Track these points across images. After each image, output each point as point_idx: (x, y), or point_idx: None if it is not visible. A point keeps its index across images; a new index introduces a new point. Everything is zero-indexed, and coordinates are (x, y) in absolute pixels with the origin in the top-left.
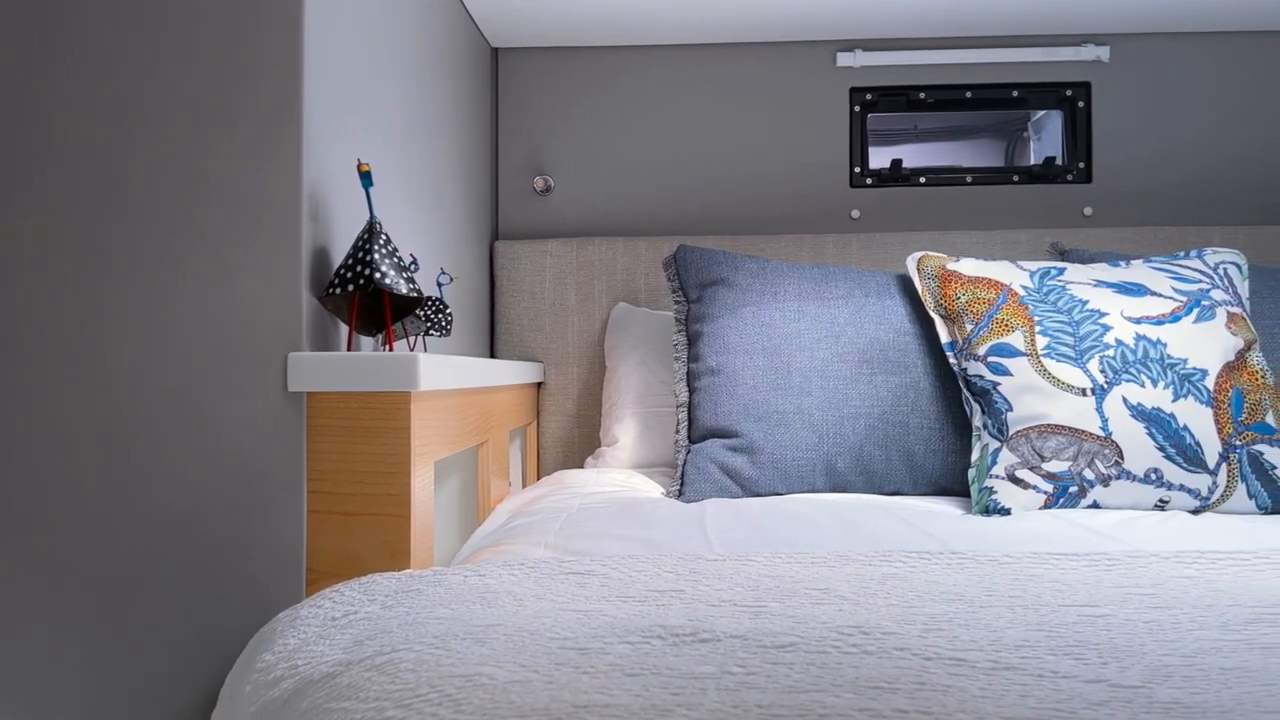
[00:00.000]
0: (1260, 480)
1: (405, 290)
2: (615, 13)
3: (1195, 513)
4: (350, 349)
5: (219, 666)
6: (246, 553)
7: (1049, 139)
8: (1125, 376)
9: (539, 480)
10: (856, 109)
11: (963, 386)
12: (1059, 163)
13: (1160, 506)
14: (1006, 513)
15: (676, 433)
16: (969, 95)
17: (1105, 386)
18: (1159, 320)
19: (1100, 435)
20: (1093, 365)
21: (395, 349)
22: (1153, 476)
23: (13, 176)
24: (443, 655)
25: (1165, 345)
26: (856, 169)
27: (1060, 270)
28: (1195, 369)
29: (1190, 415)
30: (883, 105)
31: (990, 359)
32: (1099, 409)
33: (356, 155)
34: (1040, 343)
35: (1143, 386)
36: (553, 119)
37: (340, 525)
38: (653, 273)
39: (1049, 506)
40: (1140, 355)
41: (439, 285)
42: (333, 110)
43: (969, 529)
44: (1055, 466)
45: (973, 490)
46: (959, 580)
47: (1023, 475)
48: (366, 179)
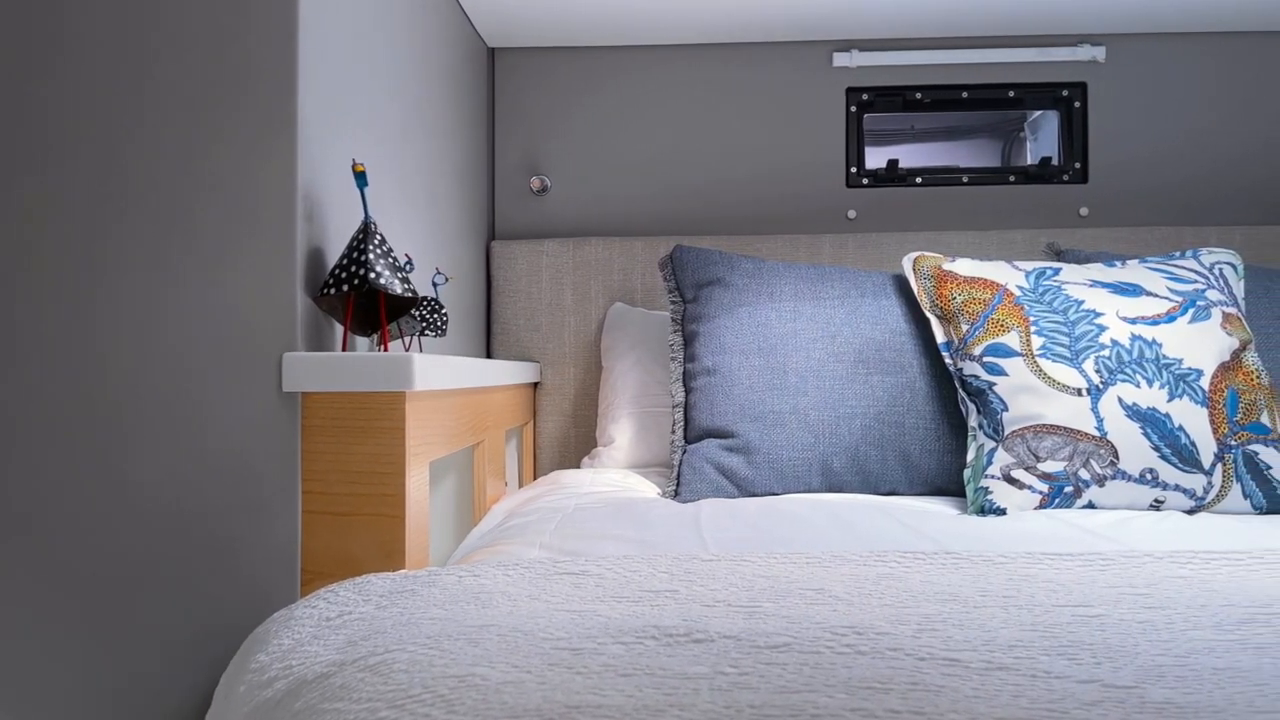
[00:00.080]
0: (1255, 480)
1: (400, 290)
2: (612, 13)
3: (1190, 513)
4: (345, 349)
5: (214, 667)
6: (241, 553)
7: (1045, 139)
8: (1120, 376)
9: (535, 480)
10: (853, 109)
11: (958, 386)
12: (1055, 163)
13: (1155, 506)
14: (1002, 513)
15: (672, 433)
16: (965, 95)
17: (1100, 386)
18: (1154, 320)
19: (1095, 435)
20: (1088, 365)
21: (390, 349)
22: (1148, 477)
23: (8, 177)
24: (436, 656)
25: (1160, 345)
26: (853, 169)
27: (1056, 270)
28: (1190, 369)
29: (1185, 415)
30: (879, 105)
31: (986, 359)
32: (1094, 409)
33: (351, 155)
34: (1036, 343)
35: (1138, 387)
36: (549, 119)
37: (335, 525)
38: (649, 273)
39: (1044, 506)
40: (1135, 355)
41: (434, 285)
42: (328, 110)
43: (964, 529)
44: (1050, 466)
45: (968, 490)
46: (953, 580)
47: (1018, 475)
48: (361, 179)
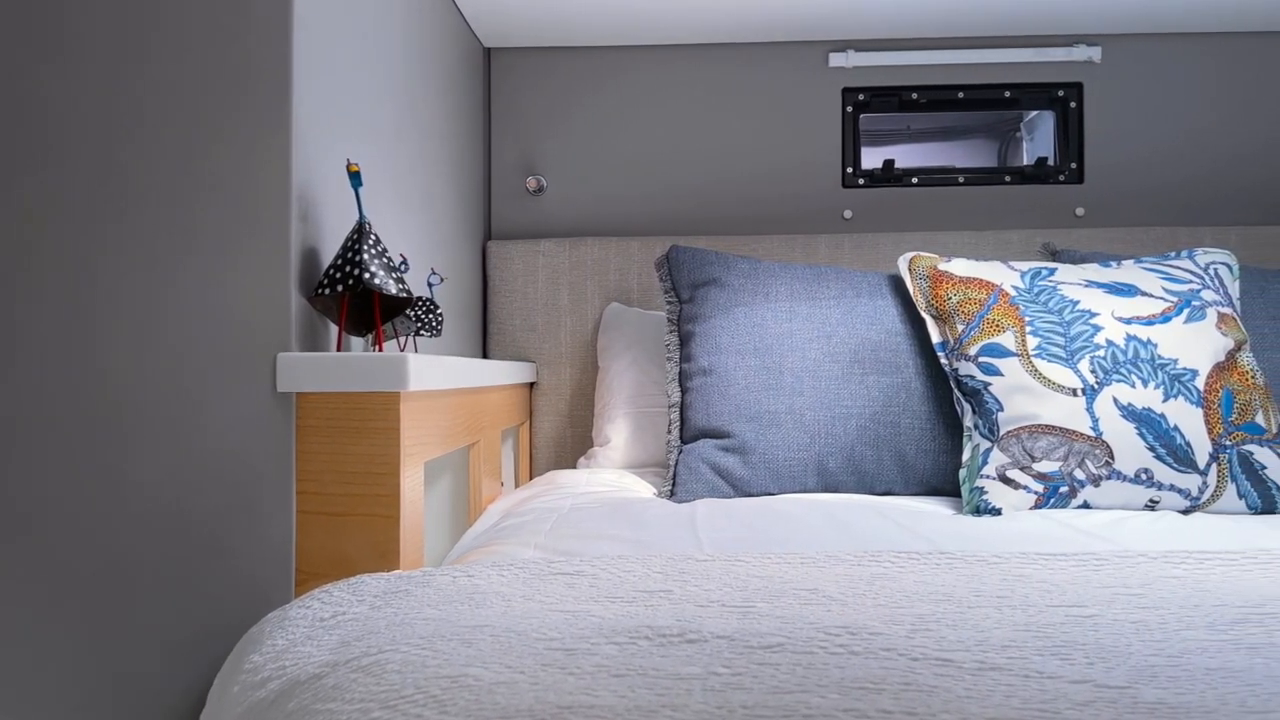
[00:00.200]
0: (1250, 480)
1: (394, 290)
2: (608, 13)
3: (1185, 513)
4: (340, 349)
5: (208, 667)
6: (236, 553)
7: (1041, 139)
8: (1116, 377)
9: (531, 480)
10: (849, 109)
11: (954, 387)
12: (1051, 163)
13: (1150, 507)
14: (997, 513)
15: (668, 433)
16: (961, 96)
17: (1096, 387)
18: (1149, 320)
19: (1091, 435)
20: (1083, 365)
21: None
22: (1143, 477)
23: (6, 177)
24: (429, 656)
25: (1156, 345)
26: (849, 169)
27: (1051, 270)
28: (1185, 369)
29: (1180, 415)
30: (875, 106)
31: (981, 359)
32: (1089, 409)
33: (347, 155)
34: (1031, 343)
35: (1133, 387)
36: (545, 119)
37: (329, 526)
38: (645, 273)
39: (1039, 507)
40: (1131, 355)
41: (429, 285)
42: (323, 111)
43: (959, 529)
44: (1046, 467)
45: (963, 490)
46: (947, 580)
47: (1013, 475)
48: (356, 179)
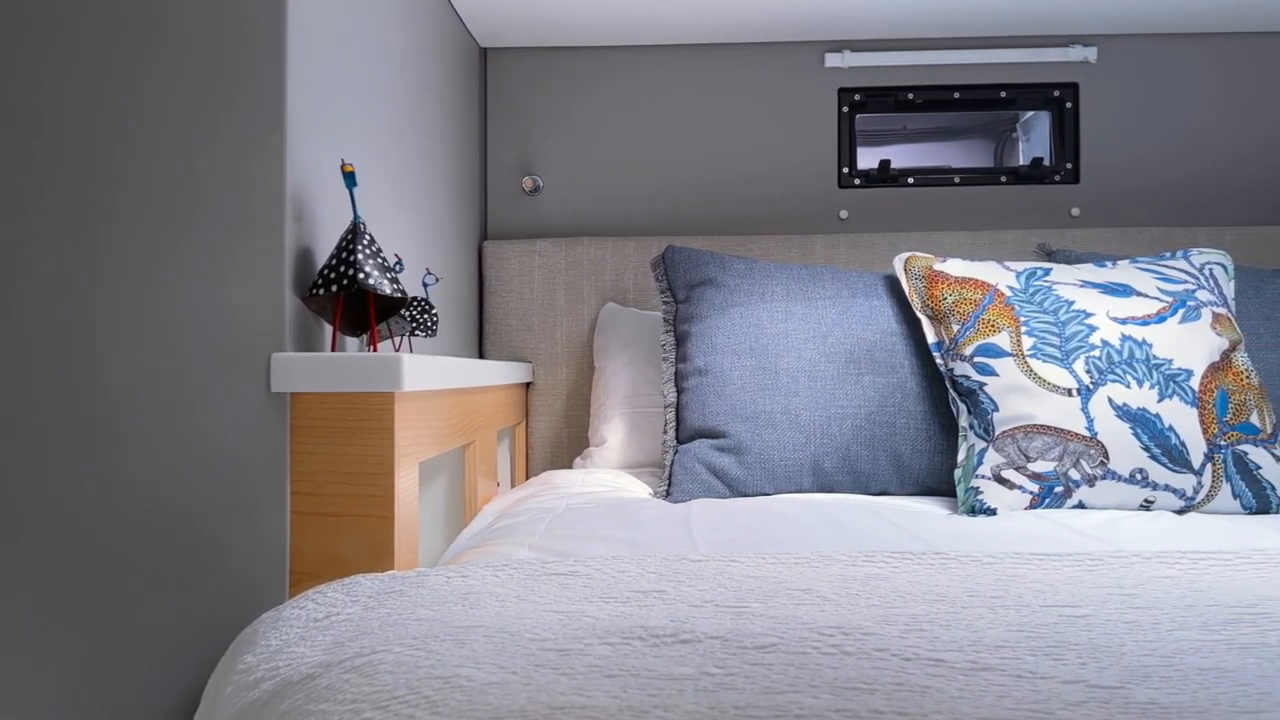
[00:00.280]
0: (1245, 480)
1: (389, 290)
2: (604, 13)
3: (1180, 513)
4: (334, 350)
5: (202, 667)
6: (230, 554)
7: (1037, 140)
8: (1111, 377)
9: (527, 480)
10: (844, 109)
11: (949, 387)
12: (1047, 163)
13: (1145, 507)
14: (992, 513)
15: (664, 433)
16: (957, 96)
17: (1091, 387)
18: (1145, 321)
19: (1086, 435)
20: (1078, 365)
21: (380, 349)
22: (1138, 477)
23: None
24: (422, 657)
25: (1151, 346)
26: (845, 169)
27: (1047, 271)
28: (1180, 369)
29: (1175, 415)
30: (871, 106)
31: (976, 359)
32: (1084, 409)
33: (342, 155)
34: (1026, 343)
35: (1128, 387)
36: (541, 119)
37: (324, 526)
38: (641, 273)
39: (1035, 506)
40: (1126, 356)
41: (425, 286)
42: (318, 110)
43: (954, 529)
44: (1041, 467)
45: (959, 490)
46: (941, 581)
47: (1008, 475)
48: (350, 179)
